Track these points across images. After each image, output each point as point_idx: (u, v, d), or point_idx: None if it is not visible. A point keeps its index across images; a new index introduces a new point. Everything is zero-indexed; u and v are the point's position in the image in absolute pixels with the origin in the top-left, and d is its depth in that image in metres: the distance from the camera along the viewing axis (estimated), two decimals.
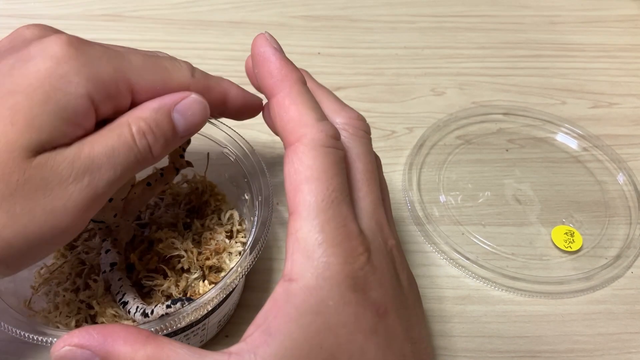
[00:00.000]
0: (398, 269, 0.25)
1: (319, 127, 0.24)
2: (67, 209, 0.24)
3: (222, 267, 0.34)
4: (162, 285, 0.32)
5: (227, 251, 0.34)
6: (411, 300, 0.26)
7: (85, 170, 0.24)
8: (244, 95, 0.32)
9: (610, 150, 0.47)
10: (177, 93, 0.27)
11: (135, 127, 0.26)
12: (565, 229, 0.42)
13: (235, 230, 0.36)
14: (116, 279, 0.32)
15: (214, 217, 0.36)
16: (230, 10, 0.59)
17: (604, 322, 0.37)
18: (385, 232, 0.25)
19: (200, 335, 0.33)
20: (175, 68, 0.29)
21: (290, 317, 0.22)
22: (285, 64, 0.26)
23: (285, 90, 0.25)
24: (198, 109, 0.27)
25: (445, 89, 0.53)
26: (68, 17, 0.57)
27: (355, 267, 0.22)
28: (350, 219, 0.23)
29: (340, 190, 0.23)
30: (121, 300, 0.31)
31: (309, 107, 0.25)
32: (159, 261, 0.33)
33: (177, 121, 0.27)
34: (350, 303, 0.22)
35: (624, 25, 0.61)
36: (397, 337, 0.24)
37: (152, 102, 0.27)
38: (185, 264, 0.33)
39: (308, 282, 0.22)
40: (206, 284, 0.33)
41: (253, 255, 0.30)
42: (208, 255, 0.34)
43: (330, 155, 0.23)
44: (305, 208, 0.23)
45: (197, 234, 0.35)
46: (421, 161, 0.46)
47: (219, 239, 0.34)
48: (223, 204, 0.37)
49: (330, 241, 0.22)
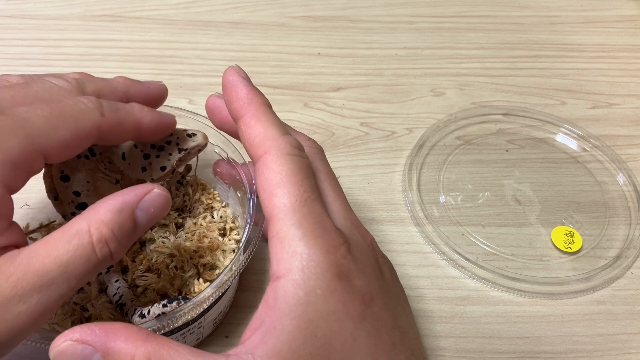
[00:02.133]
0: (380, 262, 0.27)
1: (283, 139, 0.26)
2: (10, 329, 0.22)
3: (217, 264, 0.34)
4: (157, 284, 0.32)
5: (221, 249, 0.34)
6: (395, 292, 0.27)
7: (33, 289, 0.22)
8: (157, 118, 0.31)
9: (610, 151, 0.47)
10: (139, 187, 0.26)
11: (97, 235, 0.24)
12: (565, 229, 0.42)
13: (229, 228, 0.36)
14: (113, 281, 0.32)
15: (207, 216, 0.36)
16: (230, 11, 0.59)
17: (604, 322, 0.37)
18: (361, 229, 0.27)
19: (197, 334, 0.33)
20: (82, 114, 0.27)
21: (282, 312, 0.22)
22: (252, 89, 0.28)
23: (251, 111, 0.27)
24: (160, 203, 0.26)
25: (445, 90, 0.53)
26: (68, 18, 0.57)
27: (338, 256, 0.23)
28: (325, 215, 0.24)
29: (312, 191, 0.25)
30: (118, 303, 0.31)
31: (273, 124, 0.26)
32: (151, 262, 0.33)
33: (139, 218, 0.26)
34: (337, 291, 0.23)
35: (624, 26, 0.61)
36: (385, 325, 0.24)
37: (114, 200, 0.25)
38: (178, 263, 0.33)
39: (294, 275, 0.23)
40: (201, 282, 0.33)
41: (247, 253, 0.30)
42: (202, 254, 0.34)
43: (297, 161, 0.25)
44: (281, 210, 0.24)
45: (190, 232, 0.35)
46: (421, 162, 0.46)
47: (213, 236, 0.35)
48: (215, 202, 0.37)
49: (310, 234, 0.23)
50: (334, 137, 0.48)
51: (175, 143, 0.33)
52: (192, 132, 0.33)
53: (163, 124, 0.31)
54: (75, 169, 0.31)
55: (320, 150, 0.30)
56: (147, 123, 0.30)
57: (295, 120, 0.49)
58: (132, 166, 0.33)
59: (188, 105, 0.49)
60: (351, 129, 0.49)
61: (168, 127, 0.32)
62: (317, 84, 0.52)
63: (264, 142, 0.25)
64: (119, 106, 0.29)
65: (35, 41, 0.54)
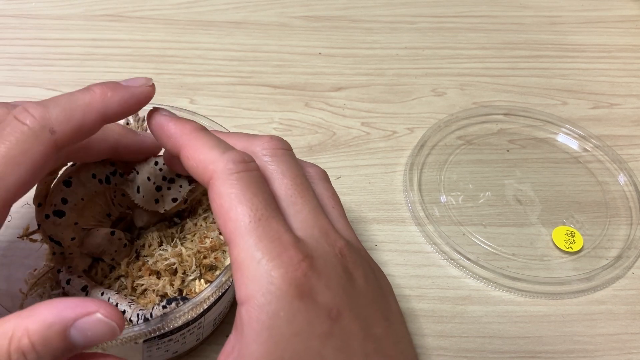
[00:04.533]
0: (351, 268, 0.25)
1: (225, 158, 0.24)
2: None
3: (217, 265, 0.34)
4: (156, 285, 0.32)
5: (222, 249, 0.34)
6: (370, 297, 0.26)
7: None
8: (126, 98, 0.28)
9: (611, 151, 0.47)
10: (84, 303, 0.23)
11: (15, 345, 0.22)
12: (566, 229, 0.42)
13: None
14: (99, 296, 0.31)
15: (207, 216, 0.36)
16: (231, 11, 0.59)
17: (605, 322, 0.37)
18: (331, 236, 0.25)
19: (197, 334, 0.33)
20: (26, 144, 0.24)
21: (250, 338, 0.22)
22: (178, 121, 0.27)
23: (185, 142, 0.26)
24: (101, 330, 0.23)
25: (446, 90, 0.53)
26: (69, 18, 0.57)
27: (298, 274, 0.23)
28: (283, 231, 0.23)
29: (265, 207, 0.24)
30: None
31: (210, 146, 0.25)
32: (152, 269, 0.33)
33: (74, 338, 0.23)
34: (300, 310, 0.22)
35: (625, 26, 0.61)
36: (355, 337, 0.24)
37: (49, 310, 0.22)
38: (180, 269, 0.33)
39: (258, 300, 0.22)
40: (202, 282, 0.33)
41: None
42: (205, 254, 0.34)
43: (244, 178, 0.24)
44: (237, 234, 0.23)
45: (191, 233, 0.35)
46: (422, 161, 0.46)
47: (213, 236, 0.35)
48: None
49: (267, 255, 0.23)
50: (335, 137, 0.48)
51: (186, 175, 0.33)
52: None
53: (134, 99, 0.28)
54: (81, 183, 0.32)
55: (285, 149, 0.28)
56: (115, 108, 0.27)
57: (296, 120, 0.49)
58: (146, 199, 0.33)
59: (189, 105, 0.49)
60: (352, 128, 0.49)
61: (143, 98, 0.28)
62: (318, 84, 0.52)
63: (207, 167, 0.24)
64: (73, 105, 0.26)
65: (36, 41, 0.54)
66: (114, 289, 0.32)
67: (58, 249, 0.32)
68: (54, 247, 0.32)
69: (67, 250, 0.32)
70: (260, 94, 0.51)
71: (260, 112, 0.50)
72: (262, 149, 0.27)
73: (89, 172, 0.32)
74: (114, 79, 0.52)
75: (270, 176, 0.26)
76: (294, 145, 0.43)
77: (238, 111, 0.49)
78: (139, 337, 0.27)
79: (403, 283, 0.39)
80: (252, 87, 0.52)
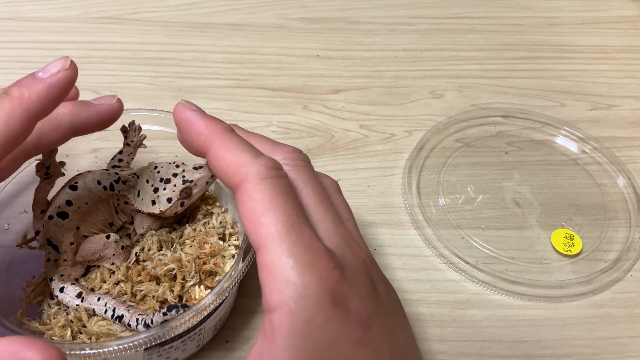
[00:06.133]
0: (374, 280, 0.26)
1: (257, 163, 0.25)
2: None
3: (217, 271, 0.34)
4: (156, 291, 0.32)
5: (221, 254, 0.34)
6: (391, 309, 0.26)
7: None
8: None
9: (609, 153, 0.47)
10: None
11: None
12: (564, 232, 0.42)
13: (228, 234, 0.36)
14: (95, 301, 0.32)
15: (207, 221, 0.36)
16: (229, 13, 0.59)
17: (604, 325, 0.37)
18: (354, 246, 0.26)
19: (197, 340, 0.33)
20: None
21: (281, 345, 0.22)
22: (209, 119, 0.27)
23: (216, 142, 0.26)
24: None
25: (445, 92, 0.53)
26: (66, 20, 0.57)
27: (331, 282, 0.23)
28: (315, 238, 0.24)
29: (297, 214, 0.24)
30: (115, 316, 0.31)
31: (242, 149, 0.25)
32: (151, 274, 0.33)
33: None
34: (334, 318, 0.22)
35: (623, 27, 0.61)
36: (383, 347, 0.24)
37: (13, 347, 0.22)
38: (179, 274, 0.33)
39: (290, 306, 0.22)
40: (202, 288, 0.33)
41: (247, 259, 0.30)
42: (205, 260, 0.34)
43: (276, 184, 0.24)
44: (268, 239, 0.23)
45: (190, 238, 0.35)
46: (420, 164, 0.46)
47: (213, 241, 0.35)
48: (214, 208, 0.37)
49: (301, 262, 0.22)
50: (333, 140, 0.48)
51: (182, 175, 0.33)
52: (200, 165, 0.34)
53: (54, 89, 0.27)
54: (87, 188, 0.33)
55: (305, 162, 0.28)
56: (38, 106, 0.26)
57: (294, 122, 0.49)
58: (144, 201, 0.34)
59: None
60: (350, 131, 0.49)
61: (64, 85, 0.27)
62: (316, 86, 0.52)
63: (238, 170, 0.25)
64: None
65: (33, 44, 0.54)
66: (113, 295, 0.32)
67: (54, 254, 0.32)
68: (50, 252, 0.33)
69: (63, 256, 0.32)
70: (258, 96, 0.51)
71: (258, 115, 0.49)
72: (284, 159, 0.27)
73: (94, 179, 0.33)
74: (112, 81, 0.53)
75: (293, 185, 0.26)
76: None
77: (236, 114, 0.49)
78: (140, 345, 0.27)
79: (402, 287, 0.39)
80: (250, 90, 0.52)
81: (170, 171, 0.34)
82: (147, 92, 0.50)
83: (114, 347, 0.27)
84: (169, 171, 0.34)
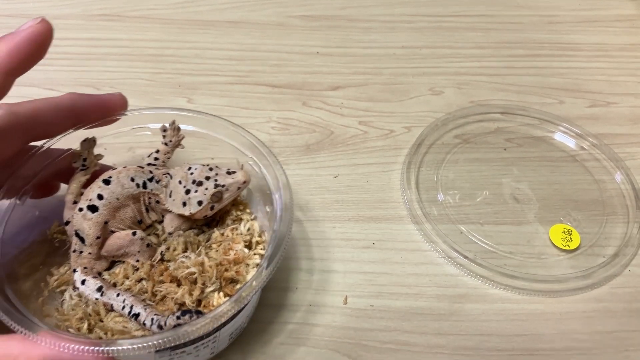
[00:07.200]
0: None
1: None
2: None
3: (239, 279, 0.34)
4: (175, 294, 0.32)
5: (245, 262, 0.34)
6: None
7: None
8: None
9: (608, 149, 0.47)
10: None
11: None
12: (563, 227, 0.42)
13: (255, 242, 0.36)
14: (114, 297, 0.32)
15: (235, 227, 0.36)
16: (229, 10, 0.59)
17: (602, 320, 0.37)
18: None
19: (211, 347, 0.32)
20: None
21: None
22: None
23: None
24: None
25: (444, 88, 0.53)
26: (67, 17, 0.57)
27: None
28: None
29: None
30: (132, 314, 0.31)
31: None
32: (173, 275, 0.33)
33: None
34: None
35: (622, 25, 0.61)
36: None
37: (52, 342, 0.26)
38: (200, 279, 0.33)
39: None
40: (221, 295, 0.33)
41: (269, 269, 0.30)
42: (227, 267, 0.33)
43: None
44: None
45: (217, 242, 0.35)
46: (419, 160, 0.46)
47: (238, 248, 0.34)
48: (244, 214, 0.37)
49: None
50: (332, 136, 0.48)
51: (214, 179, 0.34)
52: (233, 170, 0.34)
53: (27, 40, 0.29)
54: (120, 184, 0.33)
55: None
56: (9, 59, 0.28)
57: (294, 119, 0.49)
58: (175, 202, 0.34)
59: (187, 104, 0.49)
60: (350, 127, 0.49)
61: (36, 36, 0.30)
62: (315, 83, 0.52)
63: None
64: None
65: None
66: (134, 292, 0.33)
67: (79, 246, 0.33)
68: (77, 243, 0.33)
69: (88, 249, 0.33)
70: (258, 93, 0.51)
71: (258, 112, 0.50)
72: None
73: (128, 175, 0.34)
74: (112, 78, 0.53)
75: None
76: (291, 144, 0.44)
77: (236, 110, 0.49)
78: (152, 347, 0.27)
79: (401, 281, 0.39)
80: (249, 87, 0.52)
81: (203, 174, 0.34)
82: (147, 89, 0.51)
83: (126, 346, 0.27)
84: (202, 174, 0.34)
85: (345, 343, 0.36)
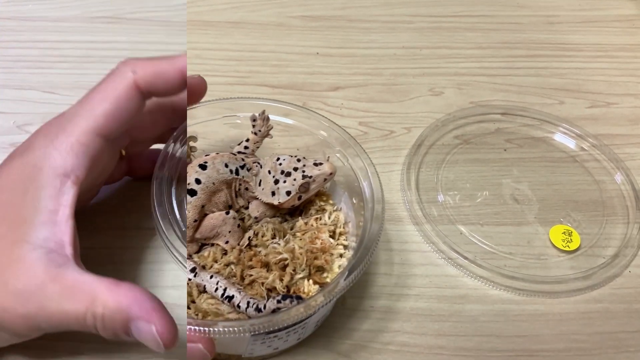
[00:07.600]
0: None
1: None
2: None
3: (326, 267, 0.34)
4: (266, 279, 0.33)
5: (330, 252, 0.35)
6: None
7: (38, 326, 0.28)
8: None
9: (608, 150, 0.47)
10: (150, 309, 0.27)
11: (92, 309, 0.27)
12: (563, 228, 0.42)
13: (338, 232, 0.36)
14: (208, 278, 0.32)
15: (319, 217, 0.36)
16: (229, 11, 0.59)
17: (602, 321, 0.37)
18: None
19: (299, 333, 0.33)
20: None
21: None
22: None
23: None
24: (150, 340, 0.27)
25: (444, 89, 0.53)
26: (67, 20, 0.57)
27: None
28: None
29: None
30: (225, 296, 0.31)
31: None
32: (263, 261, 0.33)
33: (132, 330, 0.27)
34: None
35: (622, 25, 0.61)
36: None
37: (126, 297, 0.27)
38: (291, 265, 0.33)
39: None
40: (310, 283, 0.33)
41: (363, 264, 0.31)
42: (317, 255, 0.34)
43: None
44: None
45: (301, 231, 0.36)
46: (419, 161, 0.46)
47: (324, 237, 0.35)
48: (327, 205, 0.38)
49: None
50: None
51: (302, 170, 0.35)
52: (320, 162, 0.35)
53: None
54: (215, 169, 0.34)
55: None
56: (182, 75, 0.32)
57: None
58: (264, 191, 0.35)
59: None
60: (350, 128, 0.49)
61: None
62: (315, 84, 0.52)
63: None
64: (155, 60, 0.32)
65: (33, 43, 0.54)
66: (224, 275, 0.33)
67: None
68: None
69: (186, 232, 0.33)
70: (258, 93, 0.51)
71: None
72: None
73: (222, 161, 0.35)
74: None
75: None
76: (291, 146, 0.44)
77: None
78: (248, 331, 0.28)
79: (401, 282, 0.39)
80: (250, 87, 0.52)
81: (291, 165, 0.35)
82: None
83: (220, 328, 0.27)
84: (290, 164, 0.35)
85: (345, 344, 0.36)
